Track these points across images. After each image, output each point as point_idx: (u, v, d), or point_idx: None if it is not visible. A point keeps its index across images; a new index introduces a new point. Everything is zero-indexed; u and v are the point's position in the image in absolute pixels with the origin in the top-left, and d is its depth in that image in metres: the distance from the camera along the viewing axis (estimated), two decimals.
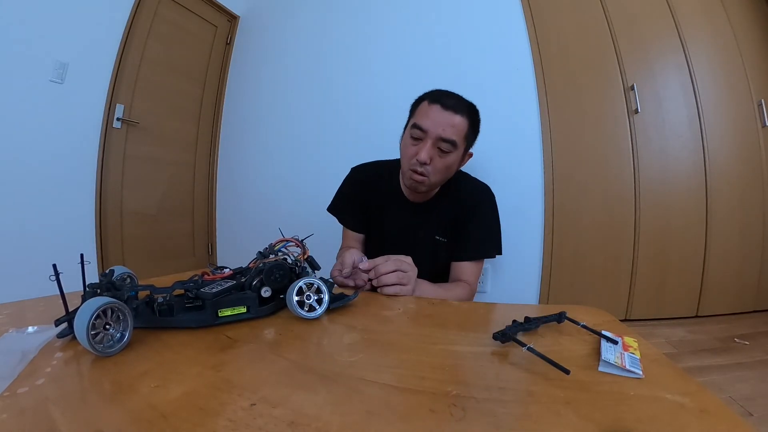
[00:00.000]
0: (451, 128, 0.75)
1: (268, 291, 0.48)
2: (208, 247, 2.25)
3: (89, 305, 0.34)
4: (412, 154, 0.77)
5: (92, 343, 0.34)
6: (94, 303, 0.35)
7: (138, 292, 0.44)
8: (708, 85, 1.48)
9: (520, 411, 0.27)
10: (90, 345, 0.33)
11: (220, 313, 0.44)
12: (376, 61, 1.72)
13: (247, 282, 0.47)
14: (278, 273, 0.49)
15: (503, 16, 1.53)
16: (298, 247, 0.55)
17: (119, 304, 0.36)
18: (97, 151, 1.63)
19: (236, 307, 0.45)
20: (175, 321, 0.42)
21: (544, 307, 0.48)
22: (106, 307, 0.35)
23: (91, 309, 0.34)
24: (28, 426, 0.25)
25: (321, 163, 1.81)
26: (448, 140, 0.75)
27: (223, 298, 0.44)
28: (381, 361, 0.35)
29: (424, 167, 0.76)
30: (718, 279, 1.48)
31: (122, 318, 0.37)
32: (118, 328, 0.37)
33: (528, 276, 1.48)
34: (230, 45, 2.26)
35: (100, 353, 0.35)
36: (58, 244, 1.48)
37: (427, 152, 0.75)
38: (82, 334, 0.33)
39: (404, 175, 0.83)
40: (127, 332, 0.37)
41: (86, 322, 0.33)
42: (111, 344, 0.36)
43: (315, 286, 0.47)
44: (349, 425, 0.25)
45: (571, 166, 1.45)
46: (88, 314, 0.34)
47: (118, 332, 0.37)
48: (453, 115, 0.75)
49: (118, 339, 0.37)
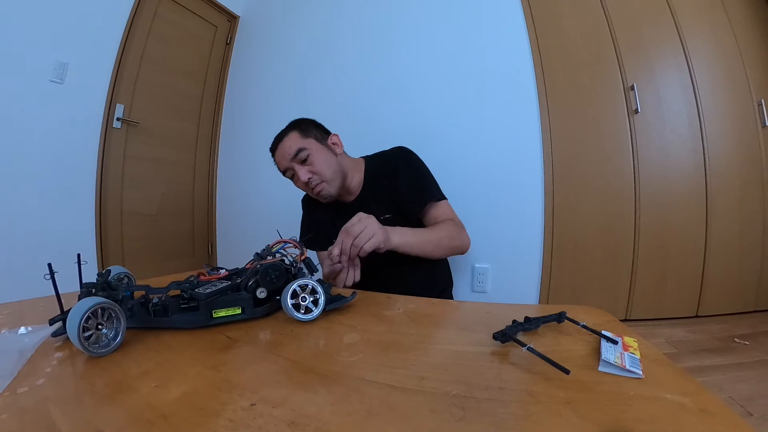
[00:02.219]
0: (288, 147, 0.87)
1: (263, 292, 0.47)
2: (208, 247, 2.25)
3: (81, 305, 0.34)
4: (301, 185, 0.91)
5: (84, 343, 0.34)
6: (85, 303, 0.34)
7: (133, 292, 0.43)
8: (708, 85, 1.48)
9: (520, 411, 0.27)
10: (82, 345, 0.33)
11: (215, 314, 0.44)
12: (375, 61, 1.72)
13: (242, 283, 0.47)
14: (274, 274, 0.48)
15: (503, 16, 1.53)
16: (296, 249, 0.55)
17: (111, 303, 0.36)
18: (97, 151, 1.63)
19: (231, 308, 0.44)
20: (170, 321, 0.42)
21: (544, 307, 0.48)
22: (98, 306, 0.35)
23: (82, 309, 0.34)
24: (28, 426, 0.25)
25: None
26: (295, 152, 0.86)
27: (217, 298, 0.44)
28: (381, 361, 0.35)
29: (312, 181, 0.87)
30: (718, 279, 1.48)
31: (115, 318, 0.37)
32: (111, 327, 0.36)
33: (528, 276, 1.48)
34: (230, 45, 2.26)
35: (93, 353, 0.35)
36: (58, 244, 1.48)
37: (302, 173, 0.86)
38: (74, 334, 0.33)
39: (320, 200, 0.93)
40: (120, 332, 0.37)
41: (78, 322, 0.33)
42: (106, 343, 0.36)
43: (310, 287, 0.46)
44: (349, 425, 0.25)
45: (571, 166, 1.45)
46: (79, 314, 0.33)
47: (111, 332, 0.36)
48: (282, 143, 0.88)
49: (112, 338, 0.36)
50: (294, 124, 0.92)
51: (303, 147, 0.86)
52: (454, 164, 1.49)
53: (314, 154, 0.87)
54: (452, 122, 1.53)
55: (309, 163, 0.86)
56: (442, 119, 1.56)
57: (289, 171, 0.89)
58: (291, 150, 0.86)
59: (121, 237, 1.76)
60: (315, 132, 0.91)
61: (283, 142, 0.88)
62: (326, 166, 0.88)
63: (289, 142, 0.87)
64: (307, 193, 0.93)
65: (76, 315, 0.34)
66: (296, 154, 0.85)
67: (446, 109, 1.54)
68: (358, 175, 0.96)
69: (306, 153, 0.86)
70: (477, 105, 1.53)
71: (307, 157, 0.86)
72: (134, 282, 0.52)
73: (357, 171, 0.96)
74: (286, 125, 0.93)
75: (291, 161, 0.86)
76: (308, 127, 0.91)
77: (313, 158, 0.86)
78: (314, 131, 0.91)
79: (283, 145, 0.88)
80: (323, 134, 0.93)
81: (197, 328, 0.43)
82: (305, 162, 0.86)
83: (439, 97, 1.55)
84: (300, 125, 0.91)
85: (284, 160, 0.88)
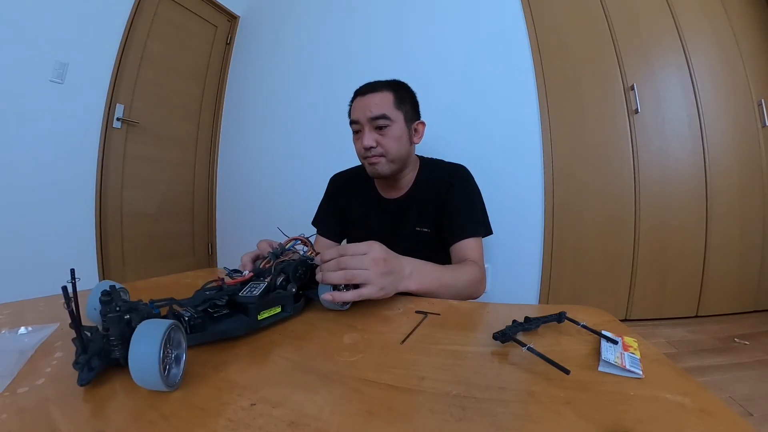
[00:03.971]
0: (375, 105, 0.78)
1: (294, 288, 0.48)
2: (208, 247, 2.25)
3: (149, 331, 0.27)
4: (359, 147, 0.82)
5: (165, 379, 0.27)
6: (154, 328, 0.28)
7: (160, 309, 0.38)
8: (708, 85, 1.48)
9: (520, 411, 0.27)
10: (163, 381, 0.27)
11: (259, 316, 0.42)
12: (375, 61, 1.72)
13: (273, 282, 0.47)
14: (302, 270, 0.50)
15: (503, 16, 1.53)
16: (304, 245, 0.55)
17: (177, 324, 0.30)
18: (97, 151, 1.63)
19: (272, 308, 0.44)
20: (220, 333, 0.38)
21: (544, 307, 0.48)
22: (170, 330, 0.28)
23: (155, 337, 0.27)
24: (28, 426, 0.25)
25: (321, 162, 1.80)
26: (378, 116, 0.77)
27: (264, 300, 0.43)
28: (381, 361, 0.35)
29: (374, 150, 0.79)
30: (718, 279, 1.48)
31: (175, 340, 0.30)
32: (172, 351, 0.30)
33: (528, 276, 1.48)
34: (230, 45, 2.26)
35: (173, 388, 0.29)
36: (59, 244, 1.48)
37: (368, 137, 0.78)
38: (150, 370, 0.26)
39: (367, 170, 0.85)
40: (182, 358, 0.31)
41: (157, 351, 0.26)
42: (176, 373, 0.30)
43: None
44: (349, 425, 0.25)
45: (571, 166, 1.45)
46: (156, 345, 0.26)
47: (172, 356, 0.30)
48: (372, 95, 0.79)
49: (175, 364, 0.30)
50: (395, 85, 0.83)
51: (388, 116, 0.78)
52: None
53: (393, 129, 0.79)
54: (452, 122, 1.53)
55: (383, 134, 0.79)
56: (442, 119, 1.56)
57: (357, 125, 0.81)
58: (375, 110, 0.78)
59: (121, 237, 1.76)
60: (408, 108, 0.83)
61: (372, 96, 0.79)
62: (397, 147, 0.80)
63: (378, 100, 0.79)
64: (360, 157, 0.84)
65: (148, 346, 0.27)
66: (377, 117, 0.78)
67: (446, 109, 1.54)
68: (412, 173, 0.89)
69: (386, 123, 0.78)
70: (477, 105, 1.53)
71: (384, 127, 0.78)
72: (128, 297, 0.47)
73: (413, 169, 0.90)
74: (379, 81, 0.83)
75: (367, 120, 0.78)
76: (405, 98, 0.83)
77: (390, 132, 0.79)
78: (408, 107, 0.83)
79: (370, 98, 0.79)
80: (414, 115, 0.85)
81: (248, 334, 0.40)
82: (380, 130, 0.79)
83: (439, 97, 1.55)
84: (399, 91, 0.82)
85: (362, 113, 0.79)
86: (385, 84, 0.82)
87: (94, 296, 0.38)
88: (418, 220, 0.86)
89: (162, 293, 0.46)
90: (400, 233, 0.88)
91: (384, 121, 0.78)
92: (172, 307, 0.39)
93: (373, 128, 0.79)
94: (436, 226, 0.85)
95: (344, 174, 1.01)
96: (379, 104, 0.78)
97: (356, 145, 0.84)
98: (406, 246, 0.78)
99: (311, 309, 0.51)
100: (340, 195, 0.97)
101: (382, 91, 0.80)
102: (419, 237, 0.86)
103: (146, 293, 0.48)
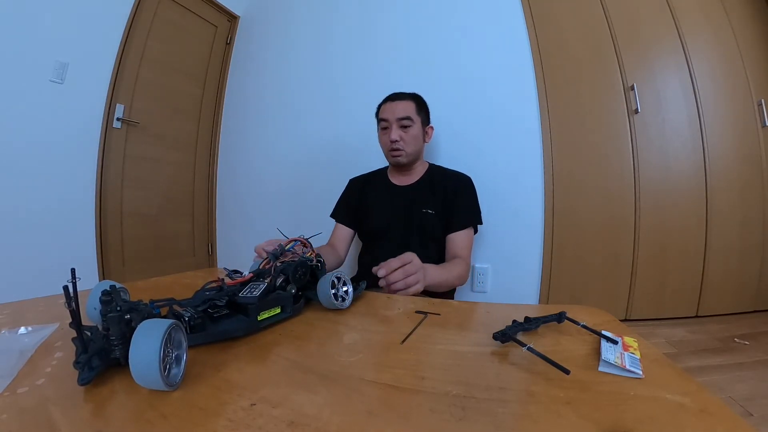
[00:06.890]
0: (402, 109, 1.04)
1: (294, 289, 0.49)
2: (208, 247, 2.25)
3: (149, 331, 0.27)
4: (386, 140, 1.06)
5: (165, 378, 0.27)
6: (154, 328, 0.28)
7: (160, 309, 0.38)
8: (708, 85, 1.48)
9: (520, 411, 0.27)
10: (163, 381, 0.27)
11: (259, 317, 0.42)
12: (376, 60, 1.72)
13: (272, 283, 0.47)
14: (301, 271, 0.51)
15: (503, 16, 1.53)
16: (305, 246, 0.55)
17: (177, 323, 0.30)
18: (97, 151, 1.63)
19: (272, 309, 0.44)
20: (220, 333, 0.39)
21: (544, 307, 0.48)
22: (170, 330, 0.29)
23: (155, 336, 0.27)
24: (28, 426, 0.25)
25: (321, 162, 1.81)
26: (404, 117, 1.03)
27: (264, 301, 0.43)
28: (381, 361, 0.35)
29: (398, 143, 1.02)
30: (718, 279, 1.48)
31: (175, 340, 0.30)
32: (172, 351, 0.30)
33: (528, 276, 1.48)
34: (230, 45, 2.26)
35: (173, 387, 0.29)
36: (59, 244, 1.48)
37: (395, 132, 1.02)
38: (151, 369, 0.26)
39: (388, 160, 1.11)
40: (183, 357, 0.31)
41: (157, 350, 0.26)
42: (176, 372, 0.30)
43: (342, 279, 0.51)
44: (349, 425, 0.25)
45: (571, 166, 1.45)
46: (156, 345, 0.26)
47: (173, 356, 0.30)
48: (399, 102, 1.06)
49: (176, 364, 0.30)
50: (416, 96, 1.09)
51: (411, 118, 1.04)
52: (454, 163, 1.48)
53: (414, 129, 1.05)
54: (452, 122, 1.53)
55: (405, 132, 1.04)
56: (442, 119, 1.55)
57: (386, 122, 1.05)
58: (403, 112, 1.03)
59: (121, 237, 1.76)
60: (423, 115, 1.09)
61: (400, 103, 1.05)
62: (414, 143, 1.05)
63: (404, 106, 1.04)
64: (386, 149, 1.08)
65: (149, 345, 0.27)
66: (403, 118, 1.03)
67: (446, 109, 1.54)
68: (422, 167, 1.13)
69: (409, 123, 1.03)
70: (477, 105, 1.53)
71: (407, 127, 1.04)
72: (129, 297, 0.48)
73: (422, 164, 1.14)
74: (405, 92, 1.08)
75: (395, 120, 1.03)
76: (423, 107, 1.09)
77: (411, 131, 1.04)
78: (424, 114, 1.09)
79: (398, 104, 1.05)
80: (427, 120, 1.11)
81: (248, 335, 0.40)
82: (404, 129, 1.03)
83: (439, 97, 1.54)
84: (419, 101, 1.09)
85: (392, 114, 1.04)
86: (409, 95, 1.08)
87: (95, 296, 0.38)
88: (425, 204, 1.05)
89: (162, 293, 0.46)
90: (410, 213, 1.06)
91: (407, 122, 1.03)
92: (172, 308, 0.39)
93: (399, 126, 1.03)
94: (442, 209, 1.04)
95: (361, 176, 1.23)
96: (405, 108, 1.04)
97: (382, 139, 1.08)
98: (416, 223, 1.04)
99: (311, 309, 0.51)
100: (358, 189, 1.17)
101: (407, 100, 1.06)
102: (425, 217, 1.04)
103: (146, 293, 0.48)
